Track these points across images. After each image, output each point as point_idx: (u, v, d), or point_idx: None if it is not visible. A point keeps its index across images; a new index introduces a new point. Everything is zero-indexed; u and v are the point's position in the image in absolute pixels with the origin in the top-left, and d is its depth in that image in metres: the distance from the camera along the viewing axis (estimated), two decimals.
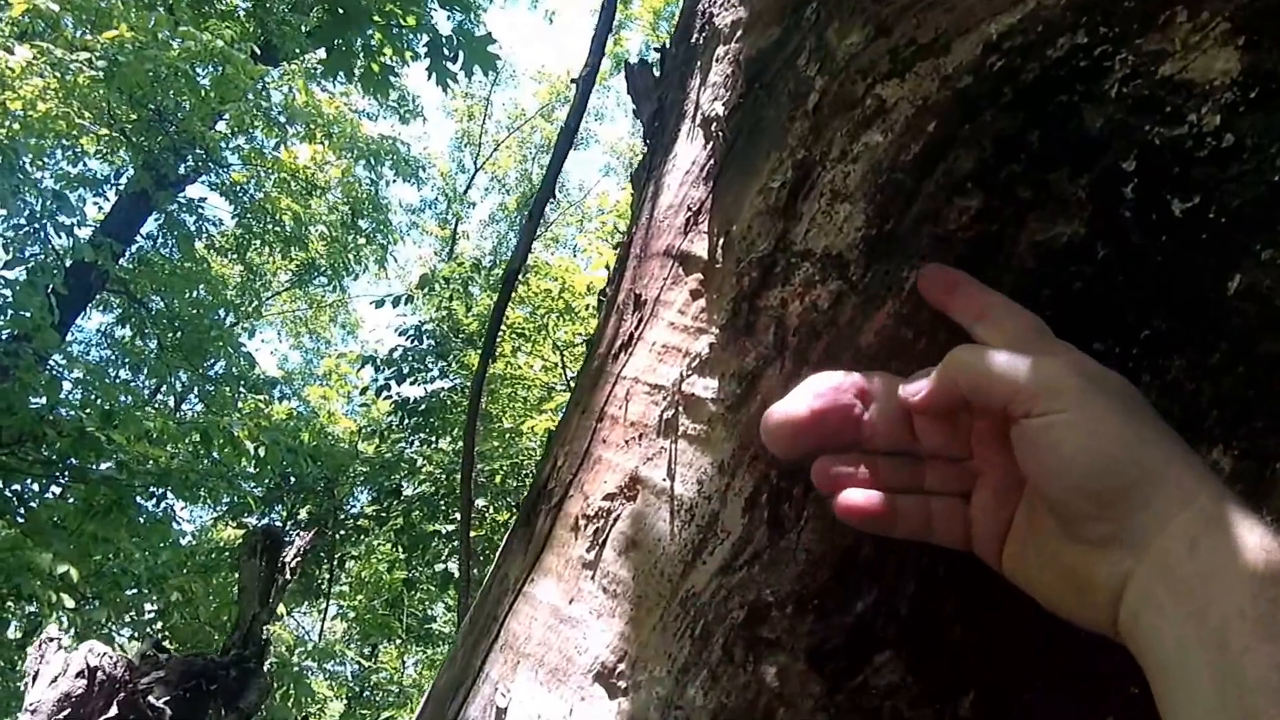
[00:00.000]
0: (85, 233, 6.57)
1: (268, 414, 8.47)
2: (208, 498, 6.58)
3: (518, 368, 7.16)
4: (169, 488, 5.81)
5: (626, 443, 0.56)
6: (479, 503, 6.01)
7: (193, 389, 9.76)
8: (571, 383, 6.66)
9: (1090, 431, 0.37)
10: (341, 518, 7.79)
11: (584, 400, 0.61)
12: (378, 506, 7.45)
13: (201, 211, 8.67)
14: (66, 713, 2.48)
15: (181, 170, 8.01)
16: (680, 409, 0.54)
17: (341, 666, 10.43)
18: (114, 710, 2.53)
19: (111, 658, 2.62)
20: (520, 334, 7.01)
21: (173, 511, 7.08)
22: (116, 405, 5.39)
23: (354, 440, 8.68)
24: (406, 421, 7.38)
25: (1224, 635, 0.32)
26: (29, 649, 2.75)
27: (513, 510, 6.49)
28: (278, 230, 9.09)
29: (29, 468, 5.14)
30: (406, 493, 7.08)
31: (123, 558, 6.00)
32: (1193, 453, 0.38)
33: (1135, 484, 0.36)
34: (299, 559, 3.34)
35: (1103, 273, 0.44)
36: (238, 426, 5.52)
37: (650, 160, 0.69)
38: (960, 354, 0.42)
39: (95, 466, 5.23)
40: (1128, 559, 0.37)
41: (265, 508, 7.55)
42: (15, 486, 5.38)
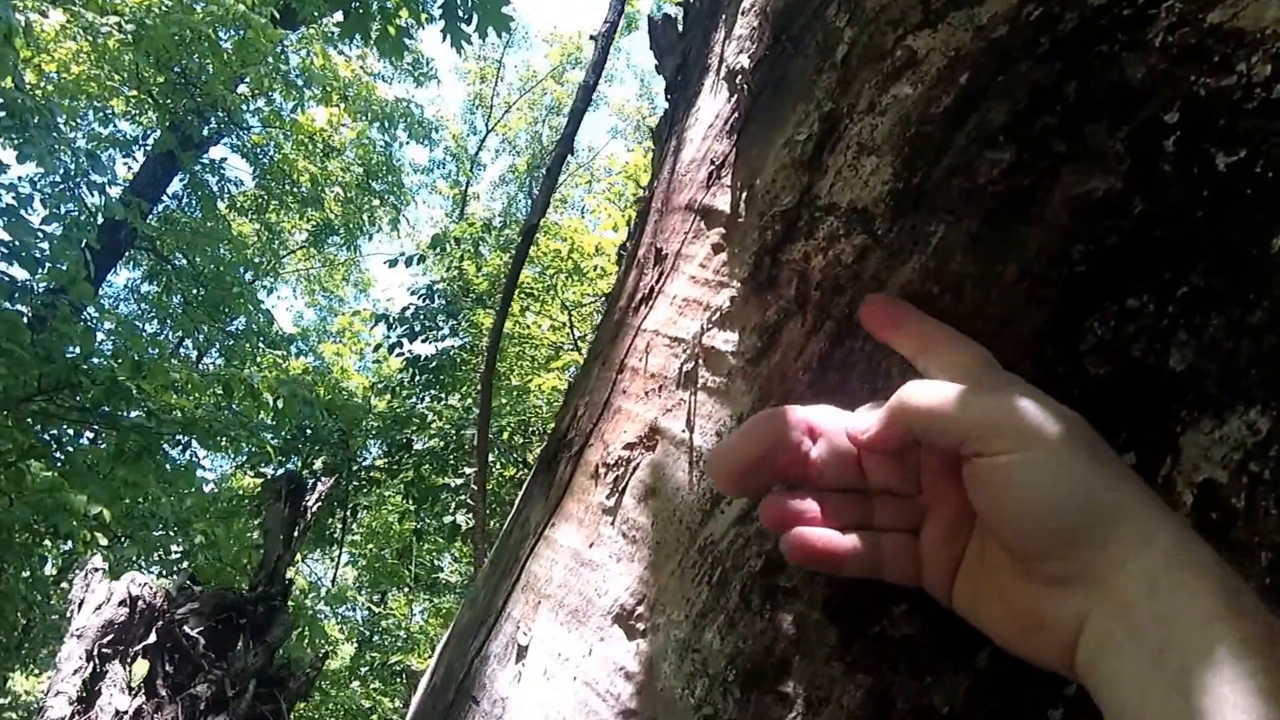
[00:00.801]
0: (116, 192, 6.51)
1: (285, 369, 8.47)
2: (229, 447, 6.60)
3: (526, 327, 7.12)
4: (194, 436, 5.83)
5: (646, 394, 0.54)
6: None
7: (214, 344, 9.75)
8: (579, 342, 6.64)
9: (1047, 472, 0.35)
10: (355, 469, 7.83)
11: (604, 352, 0.59)
12: (389, 459, 7.48)
13: (223, 172, 8.59)
14: (110, 638, 2.52)
15: (205, 132, 7.92)
16: (700, 361, 0.52)
17: (352, 612, 10.58)
18: (153, 637, 2.57)
19: (151, 588, 2.66)
20: (529, 294, 6.96)
21: (197, 459, 7.13)
22: (145, 356, 5.38)
23: (367, 396, 8.68)
24: (417, 378, 7.37)
25: (1185, 680, 0.30)
26: (74, 579, 2.79)
27: (519, 466, 6.52)
28: (295, 191, 9.00)
29: (66, 414, 5.15)
30: (417, 447, 7.10)
31: (151, 501, 6.05)
32: (1150, 491, 0.36)
33: (1093, 524, 0.34)
34: (319, 504, 3.36)
35: (1139, 228, 0.41)
36: (257, 379, 5.52)
37: (672, 115, 0.66)
38: (911, 392, 0.39)
39: (126, 414, 5.24)
40: (1085, 599, 0.34)
41: (283, 458, 7.58)
42: (53, 432, 5.40)
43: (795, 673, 0.43)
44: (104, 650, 2.48)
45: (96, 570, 2.70)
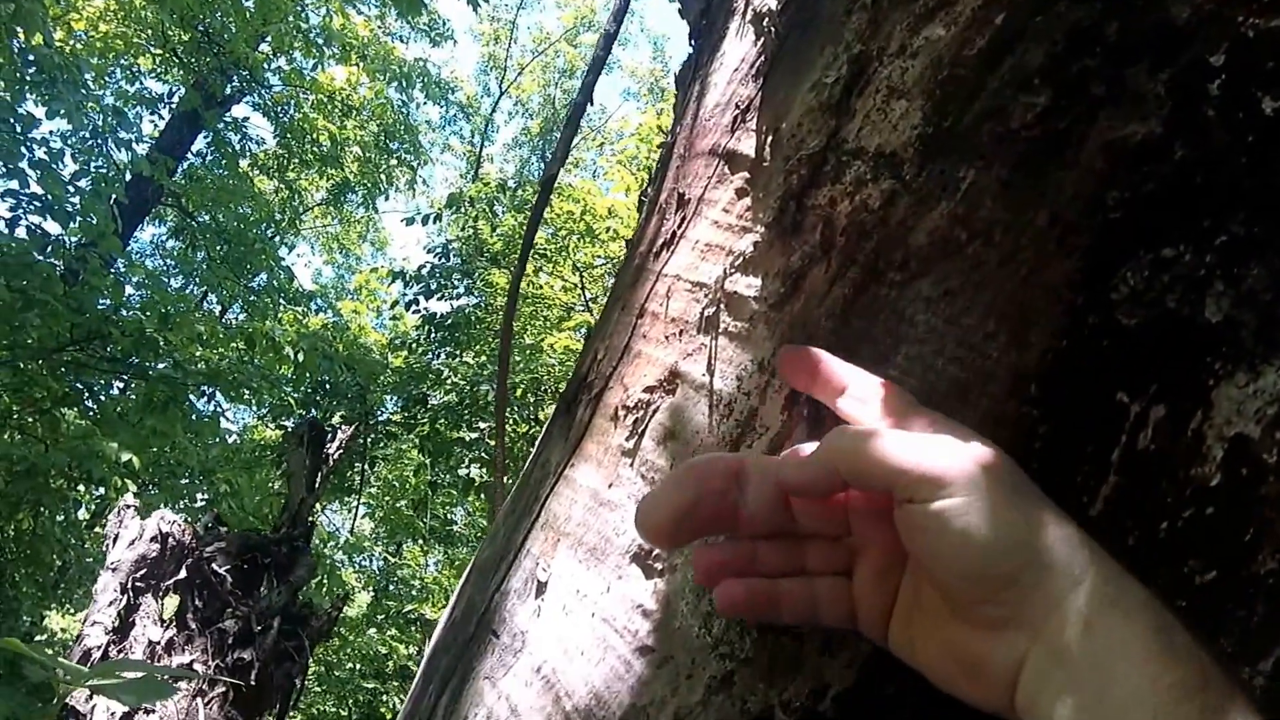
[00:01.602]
0: (142, 149, 6.47)
1: (305, 324, 8.49)
2: (252, 399, 6.65)
3: (539, 287, 7.09)
4: (218, 388, 5.87)
5: (666, 338, 0.52)
6: None
7: (237, 299, 9.76)
8: (591, 304, 6.61)
9: (979, 515, 0.34)
10: (372, 422, 7.88)
11: (624, 297, 0.58)
12: (405, 414, 7.52)
13: (245, 130, 8.51)
14: (143, 572, 2.57)
15: (228, 90, 7.83)
16: (722, 306, 0.51)
17: (369, 561, 10.74)
18: (183, 573, 2.63)
19: (180, 526, 2.71)
20: (542, 254, 6.91)
21: (221, 410, 7.19)
22: (172, 309, 5.40)
23: (384, 352, 8.70)
24: (433, 335, 7.38)
25: None
26: (108, 518, 2.85)
27: (532, 423, 6.54)
28: (315, 150, 8.93)
29: (96, 364, 5.20)
30: (432, 402, 7.13)
31: (178, 451, 6.13)
32: (1081, 530, 0.35)
33: (1026, 566, 0.33)
34: (340, 451, 3.39)
35: (1178, 174, 0.39)
36: (279, 333, 5.53)
37: (696, 60, 0.64)
38: (840, 439, 0.37)
39: (153, 365, 5.28)
40: (1022, 641, 0.33)
41: (302, 411, 7.64)
42: (85, 381, 5.45)
43: None
44: (137, 583, 2.53)
45: (129, 507, 2.76)
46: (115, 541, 2.64)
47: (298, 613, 2.80)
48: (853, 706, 0.42)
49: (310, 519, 3.22)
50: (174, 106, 8.23)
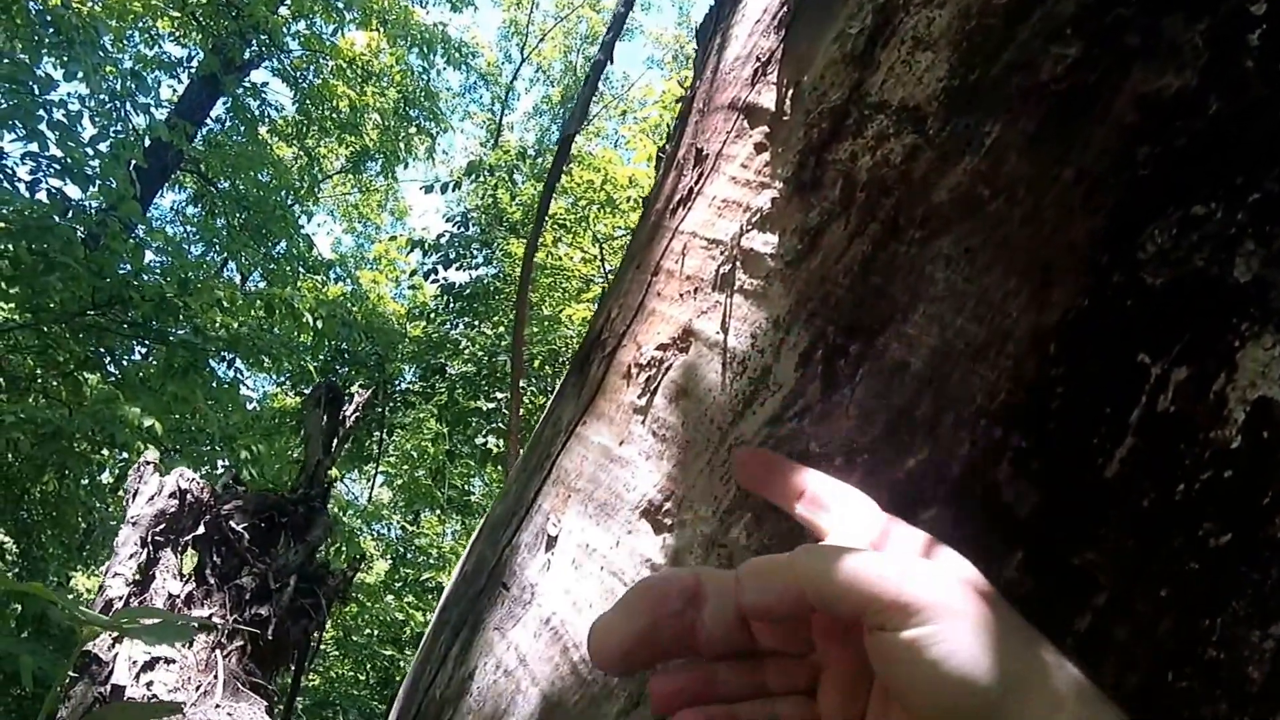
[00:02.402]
0: (161, 114, 6.50)
1: (324, 293, 8.55)
2: (271, 366, 6.73)
3: (558, 258, 7.09)
4: (238, 354, 5.95)
5: (681, 296, 0.52)
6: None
7: (256, 267, 9.85)
8: (610, 275, 6.59)
9: (957, 644, 0.32)
10: (390, 391, 7.96)
11: (639, 255, 0.58)
12: (423, 383, 7.58)
13: (264, 96, 8.51)
14: (162, 527, 2.64)
15: (246, 55, 7.83)
16: (738, 263, 0.50)
17: (387, 530, 10.89)
18: (201, 529, 2.69)
19: (199, 483, 2.77)
20: (561, 225, 6.90)
21: (241, 377, 7.29)
22: (193, 274, 5.47)
23: (402, 322, 8.76)
24: (451, 305, 7.41)
25: None
26: (129, 474, 2.92)
27: (549, 395, 6.57)
28: (334, 117, 8.92)
29: (117, 328, 5.28)
30: (450, 372, 7.18)
31: (198, 417, 6.23)
32: (1058, 653, 0.34)
33: (1006, 694, 0.32)
34: (357, 414, 3.44)
35: (1213, 128, 0.38)
36: (298, 300, 5.58)
37: (718, 12, 0.63)
38: (807, 560, 0.35)
39: (174, 331, 5.36)
40: None
41: (322, 378, 7.73)
42: (107, 345, 5.55)
43: None
44: (157, 538, 2.60)
45: (149, 464, 2.82)
46: (135, 496, 2.71)
47: (314, 572, 2.87)
48: None
49: (327, 481, 3.27)
50: (193, 71, 8.25)
